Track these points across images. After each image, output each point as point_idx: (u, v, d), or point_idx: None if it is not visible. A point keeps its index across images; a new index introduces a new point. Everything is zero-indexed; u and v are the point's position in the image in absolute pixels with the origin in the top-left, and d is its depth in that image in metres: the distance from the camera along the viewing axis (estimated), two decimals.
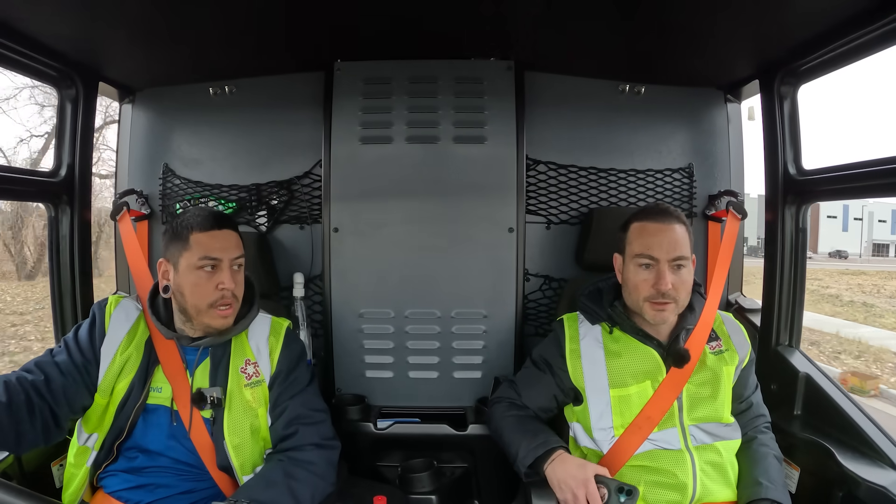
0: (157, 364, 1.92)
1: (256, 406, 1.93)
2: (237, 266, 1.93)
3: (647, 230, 1.97)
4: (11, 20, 1.99)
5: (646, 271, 1.95)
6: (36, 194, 2.47)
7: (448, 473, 2.66)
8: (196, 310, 1.87)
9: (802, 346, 2.49)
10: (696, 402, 1.97)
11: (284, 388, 1.97)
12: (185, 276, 1.86)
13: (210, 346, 1.93)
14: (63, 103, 2.45)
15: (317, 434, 1.93)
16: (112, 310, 1.97)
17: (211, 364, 1.92)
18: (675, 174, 2.87)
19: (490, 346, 2.76)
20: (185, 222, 1.89)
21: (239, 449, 1.88)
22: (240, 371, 1.94)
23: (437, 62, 2.72)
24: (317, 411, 1.99)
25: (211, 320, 1.88)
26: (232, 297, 1.89)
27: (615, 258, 2.08)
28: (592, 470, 1.79)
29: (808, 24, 2.07)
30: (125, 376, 1.88)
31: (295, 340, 2.10)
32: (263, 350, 1.99)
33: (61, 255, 2.48)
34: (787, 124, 2.44)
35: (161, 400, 1.90)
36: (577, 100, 2.85)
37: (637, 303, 1.98)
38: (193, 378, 1.90)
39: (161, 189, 2.88)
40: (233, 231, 1.94)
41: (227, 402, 1.89)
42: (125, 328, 1.94)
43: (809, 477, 2.13)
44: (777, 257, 2.46)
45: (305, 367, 2.07)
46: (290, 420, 1.92)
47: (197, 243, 1.86)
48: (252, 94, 2.85)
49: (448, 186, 2.72)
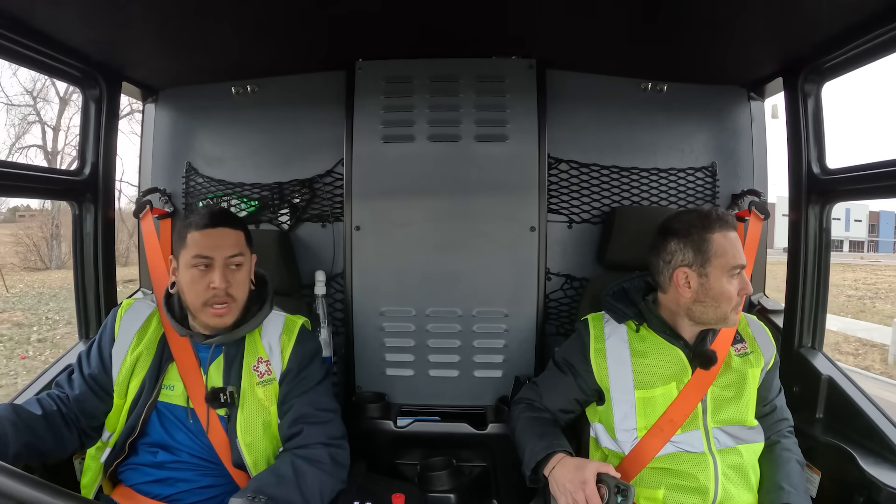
0: (170, 361, 1.93)
1: (268, 404, 1.93)
2: (234, 265, 1.90)
3: (729, 238, 1.92)
4: (36, 22, 2.01)
5: (736, 280, 1.91)
6: (61, 192, 2.50)
7: (467, 472, 2.67)
8: (193, 307, 1.88)
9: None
10: (720, 405, 1.95)
11: (293, 386, 1.95)
12: (183, 274, 1.88)
13: (224, 344, 1.94)
14: (87, 103, 2.48)
15: (323, 434, 1.90)
16: (122, 314, 2.00)
17: (224, 362, 1.93)
18: (697, 173, 2.84)
19: (511, 345, 2.75)
20: (188, 219, 1.92)
21: (252, 447, 1.89)
22: (252, 369, 1.94)
23: (459, 61, 2.71)
24: (324, 411, 1.96)
25: (207, 319, 1.88)
26: (226, 296, 1.87)
27: (680, 273, 1.96)
28: (592, 470, 1.75)
29: (833, 20, 2.03)
30: (137, 374, 1.91)
31: (309, 339, 2.08)
32: (276, 348, 1.98)
33: (85, 252, 2.52)
34: (811, 122, 2.40)
35: (174, 398, 1.91)
36: (599, 98, 2.83)
37: (724, 313, 1.93)
38: (207, 376, 1.92)
39: (184, 187, 2.91)
40: (230, 229, 1.91)
41: (240, 400, 1.90)
42: (135, 328, 1.97)
43: (830, 481, 2.10)
44: (800, 258, 2.43)
45: (318, 366, 2.05)
46: (296, 419, 1.91)
47: (192, 241, 1.86)
48: (274, 93, 2.86)
49: (470, 185, 2.71)
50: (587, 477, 1.74)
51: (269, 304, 2.04)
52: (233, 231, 1.91)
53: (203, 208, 1.98)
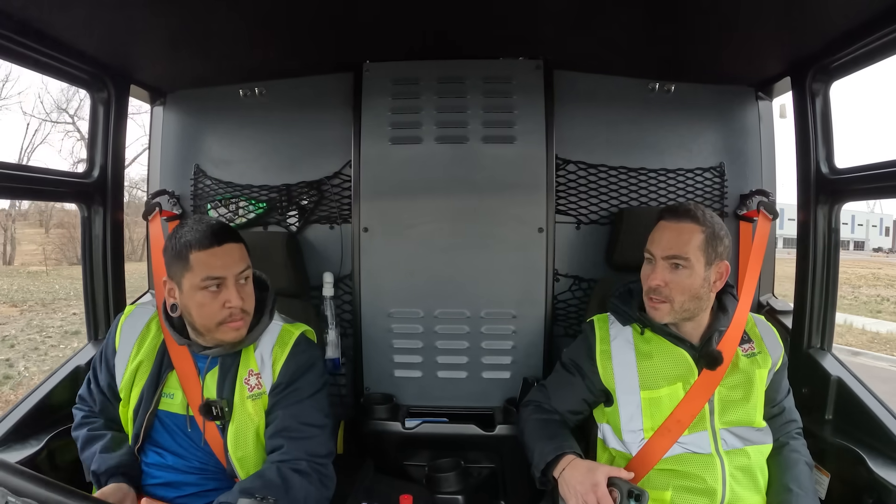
0: (169, 370, 1.91)
1: (258, 419, 1.88)
2: (244, 279, 1.84)
3: (658, 227, 1.96)
4: (45, 25, 2.02)
5: (647, 267, 1.97)
6: (69, 195, 2.52)
7: (475, 474, 2.68)
8: (206, 328, 1.82)
9: None
10: (727, 406, 1.94)
11: (280, 398, 1.89)
12: (191, 297, 1.79)
13: (220, 356, 1.90)
14: (95, 106, 2.50)
15: (303, 450, 1.82)
16: (123, 323, 1.99)
17: (219, 374, 1.89)
18: (705, 173, 2.84)
19: (519, 346, 2.75)
20: (183, 240, 1.79)
21: (243, 461, 1.87)
22: (244, 382, 1.89)
23: (466, 62, 2.71)
24: (308, 426, 1.87)
25: (223, 336, 1.83)
26: (241, 313, 1.82)
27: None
28: (604, 473, 1.75)
29: (841, 19, 2.02)
30: (138, 382, 1.91)
31: (304, 350, 1.97)
32: (267, 360, 1.91)
33: (94, 254, 2.53)
34: (820, 122, 2.40)
35: (174, 407, 1.89)
36: (607, 98, 2.82)
37: (644, 297, 1.99)
38: (204, 385, 1.89)
39: (192, 190, 2.92)
40: (234, 244, 1.84)
41: (232, 413, 1.87)
42: (134, 336, 1.96)
43: (839, 483, 2.10)
44: (809, 258, 2.42)
45: (313, 378, 1.95)
46: (277, 431, 1.85)
47: (198, 263, 1.77)
48: (282, 95, 2.87)
49: (477, 186, 2.71)
50: (599, 479, 1.73)
51: (269, 313, 1.97)
52: (237, 245, 1.85)
53: (197, 224, 1.83)
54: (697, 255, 1.89)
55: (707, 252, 1.90)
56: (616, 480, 1.73)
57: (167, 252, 1.84)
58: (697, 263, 1.89)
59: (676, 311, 1.93)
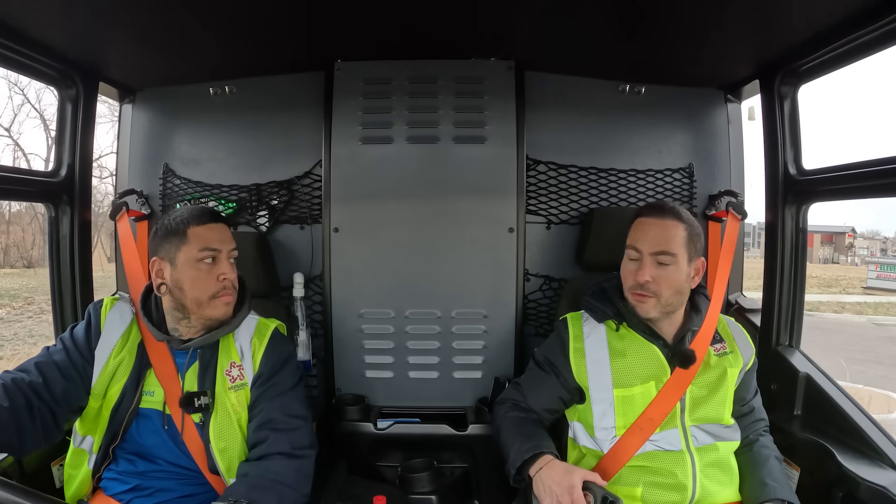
0: (148, 368, 1.90)
1: (241, 410, 1.90)
2: (232, 259, 1.94)
3: (641, 224, 1.99)
4: (11, 20, 1.99)
5: (632, 263, 1.98)
6: (36, 194, 2.47)
7: (448, 473, 2.67)
8: (197, 303, 1.86)
9: None
10: (698, 403, 1.96)
11: (264, 391, 1.92)
12: (185, 271, 1.86)
13: (199, 348, 1.91)
14: (63, 103, 2.45)
15: (287, 442, 1.84)
16: (107, 311, 1.96)
17: (199, 368, 1.90)
18: (675, 174, 2.87)
19: (490, 346, 2.75)
20: (180, 217, 1.89)
21: (224, 453, 1.86)
22: (225, 374, 1.91)
23: (438, 62, 2.72)
24: (293, 417, 1.91)
25: (213, 311, 1.88)
26: (232, 287, 1.91)
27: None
28: (580, 476, 1.75)
29: (809, 23, 2.05)
30: (118, 380, 1.88)
31: (281, 343, 2.04)
32: (247, 352, 1.95)
33: (61, 254, 2.48)
34: (788, 124, 2.43)
35: (153, 404, 1.88)
36: (578, 100, 2.85)
37: (627, 293, 2.00)
38: (184, 381, 1.89)
39: (161, 189, 2.89)
40: (226, 225, 1.97)
41: (214, 405, 1.87)
42: (119, 330, 1.93)
43: (809, 477, 2.12)
44: (777, 257, 2.45)
45: (291, 371, 2.00)
46: (262, 424, 1.87)
47: (195, 236, 1.87)
48: (252, 94, 2.85)
49: (448, 186, 2.71)
50: (575, 482, 1.73)
51: (248, 305, 2.02)
52: (227, 227, 1.97)
53: (190, 206, 1.98)
54: (682, 251, 1.93)
55: (689, 248, 1.95)
56: (591, 485, 1.73)
57: (158, 233, 1.91)
58: (682, 259, 1.93)
59: (662, 306, 1.96)
